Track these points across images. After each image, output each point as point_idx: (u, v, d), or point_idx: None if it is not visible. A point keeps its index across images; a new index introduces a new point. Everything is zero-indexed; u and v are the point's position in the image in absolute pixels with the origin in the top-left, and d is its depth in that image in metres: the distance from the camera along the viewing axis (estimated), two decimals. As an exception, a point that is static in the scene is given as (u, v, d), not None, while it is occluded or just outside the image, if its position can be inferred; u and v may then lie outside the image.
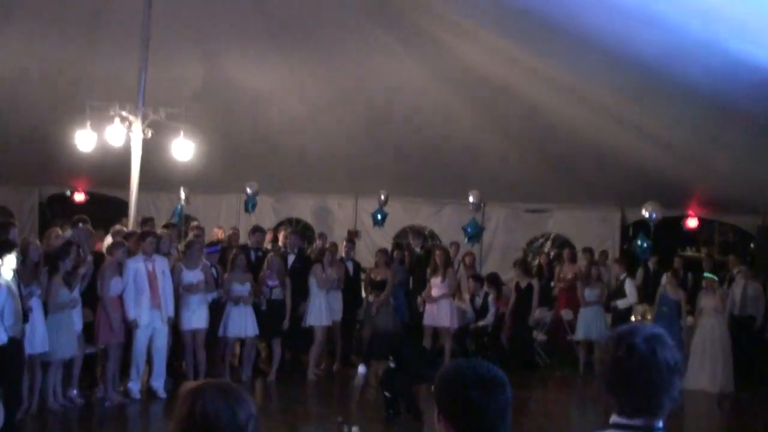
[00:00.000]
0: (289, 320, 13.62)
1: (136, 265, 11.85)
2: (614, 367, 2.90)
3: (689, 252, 21.95)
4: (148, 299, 11.86)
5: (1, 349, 9.39)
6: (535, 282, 15.75)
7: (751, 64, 10.60)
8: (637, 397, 2.89)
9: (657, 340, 2.88)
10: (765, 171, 14.81)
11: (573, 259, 17.19)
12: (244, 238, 15.92)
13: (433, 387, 2.88)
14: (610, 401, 2.96)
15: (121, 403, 11.71)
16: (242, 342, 13.50)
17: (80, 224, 12.86)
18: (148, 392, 12.14)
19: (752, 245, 19.36)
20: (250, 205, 18.89)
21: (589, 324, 15.25)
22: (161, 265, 12.14)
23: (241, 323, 13.07)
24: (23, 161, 18.70)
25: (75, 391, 11.38)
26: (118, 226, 13.84)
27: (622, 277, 15.46)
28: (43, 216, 20.38)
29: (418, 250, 16.73)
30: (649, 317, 15.46)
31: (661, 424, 2.91)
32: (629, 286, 15.22)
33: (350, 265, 15.27)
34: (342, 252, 15.38)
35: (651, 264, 17.37)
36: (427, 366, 11.99)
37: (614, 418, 2.94)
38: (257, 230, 15.06)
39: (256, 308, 13.30)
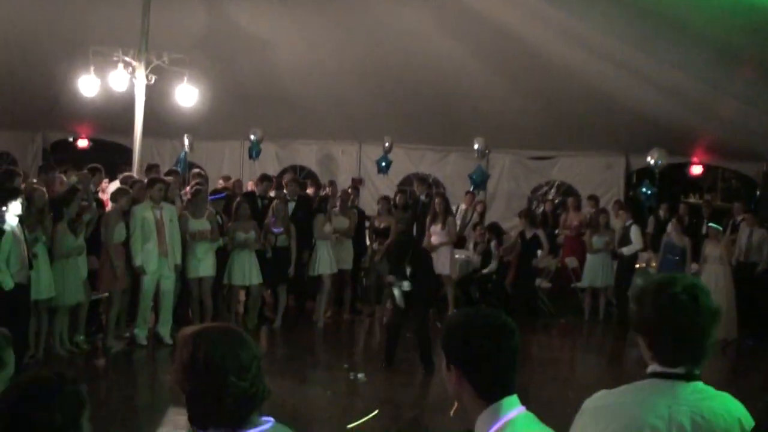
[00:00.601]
0: (294, 267, 13.61)
1: (144, 213, 11.83)
2: (657, 317, 2.94)
3: (692, 199, 21.96)
4: (155, 246, 11.86)
5: (7, 295, 9.44)
6: (540, 232, 15.71)
7: (757, 5, 10.51)
8: (682, 346, 2.95)
9: (697, 288, 2.94)
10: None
11: (578, 207, 17.22)
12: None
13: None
14: (646, 353, 3.01)
15: (126, 349, 11.78)
16: (247, 290, 13.50)
17: (86, 171, 12.86)
18: (155, 339, 12.21)
19: (758, 192, 19.30)
20: (254, 152, 18.86)
21: (595, 271, 15.29)
22: (168, 212, 12.10)
23: (246, 271, 13.06)
24: (27, 107, 18.64)
25: (81, 337, 11.43)
26: (127, 173, 13.74)
27: (627, 223, 15.42)
28: (46, 162, 20.33)
29: (423, 197, 16.64)
30: (653, 265, 15.49)
31: (699, 371, 2.97)
32: (634, 233, 15.19)
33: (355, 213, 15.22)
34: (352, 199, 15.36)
35: (662, 212, 17.32)
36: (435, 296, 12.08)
37: (654, 368, 2.99)
38: (264, 178, 15.00)
39: (262, 255, 13.30)
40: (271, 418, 2.75)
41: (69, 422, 2.66)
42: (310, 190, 15.75)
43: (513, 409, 2.73)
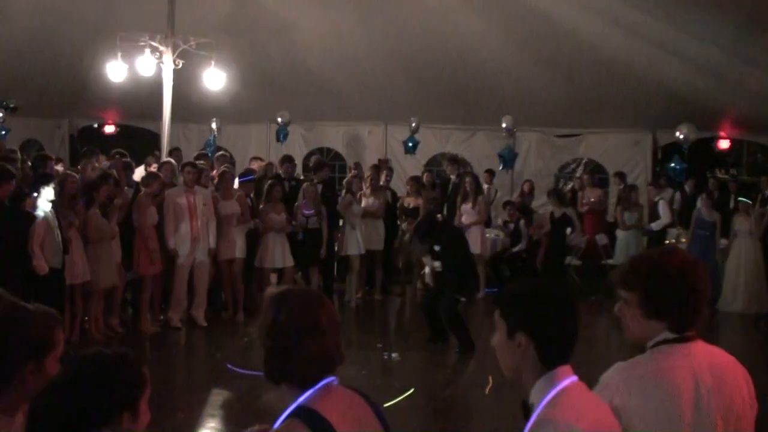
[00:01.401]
0: (325, 249, 13.65)
1: (177, 197, 11.89)
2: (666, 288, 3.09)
3: (718, 174, 21.80)
4: (189, 230, 11.93)
5: (42, 279, 9.53)
6: (570, 211, 15.69)
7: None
8: (694, 312, 3.13)
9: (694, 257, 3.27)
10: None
11: (594, 183, 17.31)
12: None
13: (499, 308, 2.97)
14: (645, 322, 3.14)
15: (161, 332, 11.88)
16: (280, 272, 13.54)
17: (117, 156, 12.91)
18: (189, 321, 12.29)
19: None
20: (281, 134, 18.89)
21: (627, 248, 15.20)
22: (202, 196, 12.16)
23: (277, 253, 13.11)
24: (54, 94, 18.72)
25: (116, 320, 11.52)
26: (166, 159, 13.67)
27: (656, 199, 15.36)
28: (73, 148, 20.44)
29: (453, 177, 16.60)
30: (683, 240, 15.43)
31: None
32: (662, 208, 15.15)
33: (388, 194, 15.24)
34: (382, 180, 15.37)
35: (688, 187, 17.24)
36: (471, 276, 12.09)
37: (666, 335, 3.13)
38: (287, 160, 15.01)
39: (293, 238, 13.34)
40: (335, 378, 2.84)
41: (127, 402, 2.70)
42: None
43: (567, 378, 2.82)
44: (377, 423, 2.87)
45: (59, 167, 12.93)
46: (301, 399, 2.73)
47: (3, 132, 18.27)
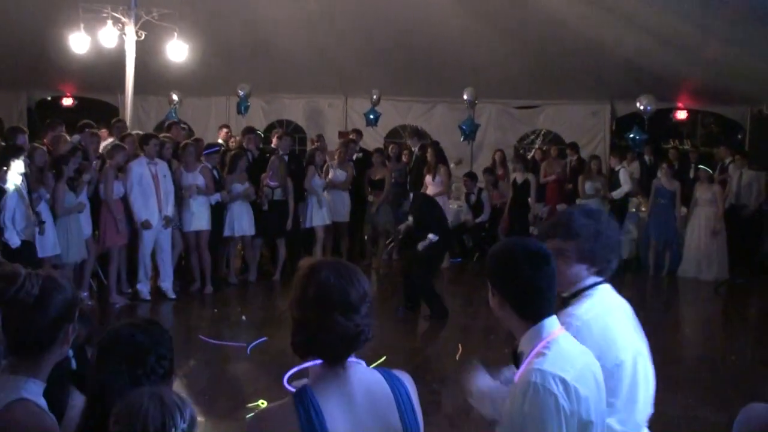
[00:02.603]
0: (291, 221, 13.70)
1: (141, 169, 11.87)
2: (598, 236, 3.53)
3: (671, 144, 22.15)
4: (155, 202, 11.92)
5: (15, 252, 9.48)
6: (531, 177, 15.89)
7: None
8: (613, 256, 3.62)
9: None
10: (755, 58, 14.91)
11: (560, 154, 17.52)
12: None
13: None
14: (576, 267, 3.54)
15: (130, 304, 11.89)
16: (244, 243, 13.63)
17: (86, 129, 12.80)
18: (158, 293, 12.31)
19: (740, 136, 19.49)
20: (242, 107, 18.82)
21: (588, 217, 15.40)
22: (163, 168, 12.16)
23: (243, 222, 13.18)
24: (12, 65, 18.44)
25: (86, 293, 11.48)
26: (134, 131, 13.52)
27: (617, 168, 15.59)
28: (31, 121, 20.19)
29: (415, 150, 16.70)
30: (643, 209, 15.69)
31: None
32: (623, 176, 15.36)
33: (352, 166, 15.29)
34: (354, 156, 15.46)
35: (647, 156, 17.49)
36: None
37: (595, 278, 3.57)
38: (250, 131, 15.00)
39: (258, 208, 13.39)
40: (362, 361, 2.80)
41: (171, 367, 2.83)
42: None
43: (554, 328, 3.00)
44: (392, 412, 2.72)
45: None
46: (311, 378, 2.72)
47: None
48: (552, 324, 2.99)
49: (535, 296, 2.96)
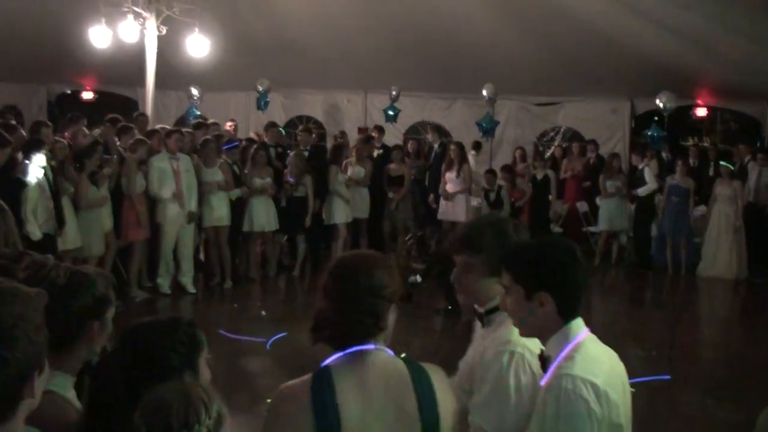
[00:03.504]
0: (310, 218, 13.72)
1: (162, 164, 11.91)
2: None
3: (691, 142, 22.06)
4: (175, 197, 11.97)
5: (35, 245, 9.52)
6: (551, 173, 15.85)
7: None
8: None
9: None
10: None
11: (583, 152, 17.43)
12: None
13: (512, 273, 3.06)
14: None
15: (150, 298, 11.94)
16: (264, 238, 13.67)
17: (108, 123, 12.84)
18: (178, 288, 12.36)
19: (765, 133, 19.37)
20: (262, 102, 18.83)
21: (611, 215, 15.42)
22: (185, 163, 12.19)
23: (262, 217, 13.23)
24: (32, 59, 18.52)
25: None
26: (159, 126, 13.55)
27: (640, 165, 15.51)
28: (51, 115, 20.26)
29: (436, 147, 16.67)
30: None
31: None
32: (648, 174, 15.28)
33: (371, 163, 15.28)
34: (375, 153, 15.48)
35: (665, 154, 17.41)
36: None
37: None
38: (272, 125, 15.03)
39: (277, 204, 13.42)
40: (389, 350, 2.85)
41: (186, 362, 2.79)
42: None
43: (581, 331, 3.00)
44: (409, 397, 2.72)
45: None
46: (328, 360, 2.77)
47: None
48: (579, 326, 3.01)
49: (578, 292, 3.00)
